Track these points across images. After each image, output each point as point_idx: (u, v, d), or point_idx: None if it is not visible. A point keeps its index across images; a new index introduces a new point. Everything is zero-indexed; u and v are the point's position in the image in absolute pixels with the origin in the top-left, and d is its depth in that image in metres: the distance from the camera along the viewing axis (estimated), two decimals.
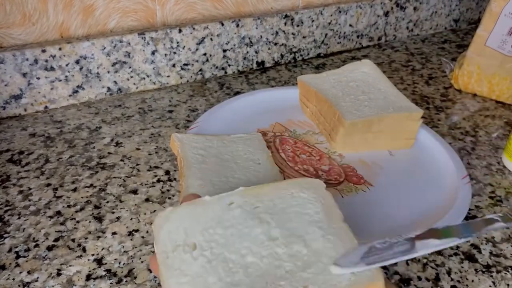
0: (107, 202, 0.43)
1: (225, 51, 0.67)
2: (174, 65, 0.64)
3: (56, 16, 0.56)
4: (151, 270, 0.36)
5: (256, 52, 0.70)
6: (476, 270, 0.37)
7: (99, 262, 0.37)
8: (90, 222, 0.41)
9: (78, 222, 0.41)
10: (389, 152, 0.51)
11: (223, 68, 0.69)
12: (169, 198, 0.44)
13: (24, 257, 0.37)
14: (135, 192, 0.45)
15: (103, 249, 0.38)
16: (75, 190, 0.45)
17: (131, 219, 0.41)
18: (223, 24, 0.65)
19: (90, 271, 0.36)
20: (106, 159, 0.49)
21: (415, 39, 0.87)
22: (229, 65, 0.69)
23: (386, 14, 0.81)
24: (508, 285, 0.36)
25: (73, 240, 0.39)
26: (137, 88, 0.63)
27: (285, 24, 0.70)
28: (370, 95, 0.51)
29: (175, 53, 0.63)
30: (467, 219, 0.42)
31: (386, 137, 0.50)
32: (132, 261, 0.37)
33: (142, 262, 0.37)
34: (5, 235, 0.39)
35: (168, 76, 0.65)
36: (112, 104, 0.60)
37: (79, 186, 0.45)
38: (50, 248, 0.38)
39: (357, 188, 0.45)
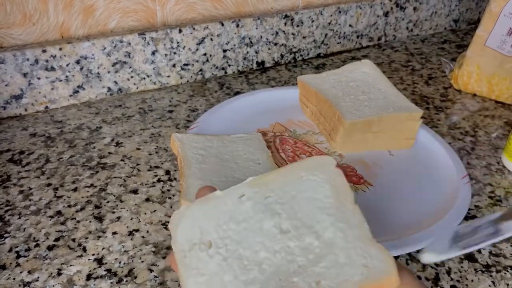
0: (108, 202, 0.43)
1: (225, 51, 0.68)
2: (174, 65, 0.64)
3: (56, 16, 0.56)
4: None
5: (256, 52, 0.70)
6: (475, 270, 0.37)
7: (99, 261, 0.37)
8: (90, 222, 0.41)
9: (78, 222, 0.41)
10: (389, 152, 0.51)
11: (223, 68, 0.69)
12: (170, 198, 0.44)
13: (25, 256, 0.37)
14: (135, 192, 0.45)
15: (103, 249, 0.38)
16: (75, 190, 0.45)
17: (132, 219, 0.41)
18: (223, 24, 0.65)
19: (90, 270, 0.36)
20: (107, 159, 0.49)
21: (415, 39, 0.87)
22: (229, 65, 0.69)
23: (386, 14, 0.81)
24: (507, 284, 0.36)
25: (73, 240, 0.39)
26: (137, 88, 0.64)
27: (285, 24, 0.71)
28: (370, 95, 0.52)
29: (175, 53, 0.63)
30: (466, 219, 0.43)
31: (386, 137, 0.50)
32: (133, 260, 0.37)
33: (142, 262, 0.37)
34: (6, 235, 0.39)
35: (168, 76, 0.65)
36: (112, 104, 0.60)
37: (79, 186, 0.45)
38: (50, 248, 0.38)
39: (357, 188, 0.45)
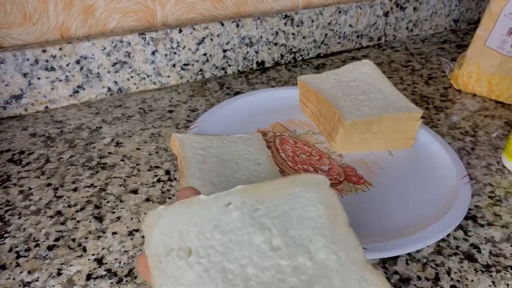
0: (108, 202, 0.43)
1: (225, 51, 0.68)
2: (174, 65, 0.64)
3: (56, 16, 0.56)
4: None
5: (256, 52, 0.70)
6: (475, 269, 0.37)
7: (99, 261, 0.37)
8: (90, 222, 0.41)
9: (78, 222, 0.41)
10: (389, 152, 0.51)
11: (223, 68, 0.69)
12: (170, 198, 0.44)
13: (25, 256, 0.37)
14: (135, 192, 0.45)
15: (103, 248, 0.38)
16: (75, 190, 0.45)
17: (132, 219, 0.41)
18: (223, 24, 0.65)
19: (90, 270, 0.36)
20: (107, 159, 0.49)
21: (414, 39, 0.87)
22: (229, 65, 0.69)
23: (386, 14, 0.81)
24: (507, 284, 0.36)
25: (73, 240, 0.39)
26: (137, 88, 0.64)
27: (285, 24, 0.71)
28: (370, 95, 0.52)
29: (175, 53, 0.63)
30: (467, 219, 0.43)
31: (386, 137, 0.50)
32: (133, 260, 0.37)
33: None
34: (6, 235, 0.39)
35: (168, 76, 0.65)
36: (112, 104, 0.60)
37: (79, 186, 0.45)
38: (50, 248, 0.38)
39: (357, 188, 0.45)
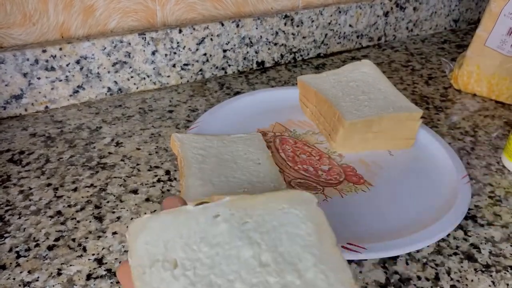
0: (108, 202, 0.43)
1: (225, 51, 0.68)
2: (174, 65, 0.64)
3: (56, 16, 0.56)
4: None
5: (256, 52, 0.70)
6: (475, 269, 0.37)
7: (99, 261, 0.37)
8: (90, 221, 0.41)
9: (78, 221, 0.41)
10: (389, 152, 0.51)
11: (223, 68, 0.69)
12: None
13: (25, 256, 0.37)
14: (135, 192, 0.45)
15: (103, 248, 0.38)
16: (75, 190, 0.45)
17: (132, 219, 0.41)
18: (223, 24, 0.65)
19: (90, 270, 0.36)
20: (107, 159, 0.49)
21: (414, 39, 0.87)
22: (229, 65, 0.69)
23: (386, 14, 0.81)
24: (507, 284, 0.36)
25: (73, 240, 0.39)
26: (137, 88, 0.64)
27: (285, 24, 0.71)
28: (370, 95, 0.52)
29: (175, 53, 0.63)
30: (466, 219, 0.43)
31: (386, 137, 0.50)
32: None
33: None
34: (6, 235, 0.39)
35: (168, 76, 0.65)
36: (112, 104, 0.60)
37: (79, 186, 0.45)
38: (50, 248, 0.38)
39: (357, 188, 0.45)
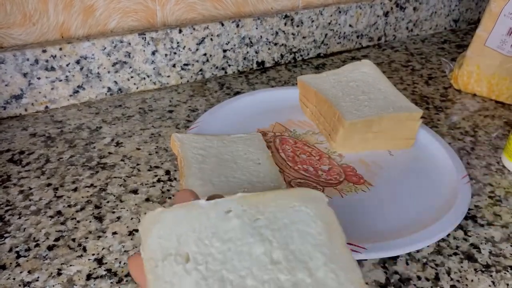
0: (108, 202, 0.43)
1: (225, 51, 0.68)
2: (174, 65, 0.64)
3: (56, 16, 0.56)
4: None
5: (256, 52, 0.70)
6: (475, 269, 0.37)
7: (99, 261, 0.37)
8: (90, 222, 0.41)
9: (78, 221, 0.41)
10: (389, 152, 0.51)
11: (223, 68, 0.69)
12: (169, 198, 0.44)
13: (25, 256, 0.37)
14: (135, 192, 0.45)
15: (103, 248, 0.38)
16: (75, 190, 0.45)
17: (132, 218, 0.41)
18: (223, 24, 0.65)
19: (90, 270, 0.36)
20: (107, 159, 0.49)
21: (414, 39, 0.87)
22: (229, 65, 0.69)
23: (386, 14, 0.81)
24: (507, 284, 0.36)
25: (73, 240, 0.39)
26: (137, 88, 0.64)
27: (285, 24, 0.71)
28: (370, 95, 0.52)
29: (175, 53, 0.63)
30: (466, 219, 0.43)
31: (386, 137, 0.50)
32: None
33: None
34: (6, 235, 0.39)
35: (169, 76, 0.65)
36: (112, 104, 0.60)
37: (79, 186, 0.45)
38: (50, 248, 0.38)
39: (357, 188, 0.45)
